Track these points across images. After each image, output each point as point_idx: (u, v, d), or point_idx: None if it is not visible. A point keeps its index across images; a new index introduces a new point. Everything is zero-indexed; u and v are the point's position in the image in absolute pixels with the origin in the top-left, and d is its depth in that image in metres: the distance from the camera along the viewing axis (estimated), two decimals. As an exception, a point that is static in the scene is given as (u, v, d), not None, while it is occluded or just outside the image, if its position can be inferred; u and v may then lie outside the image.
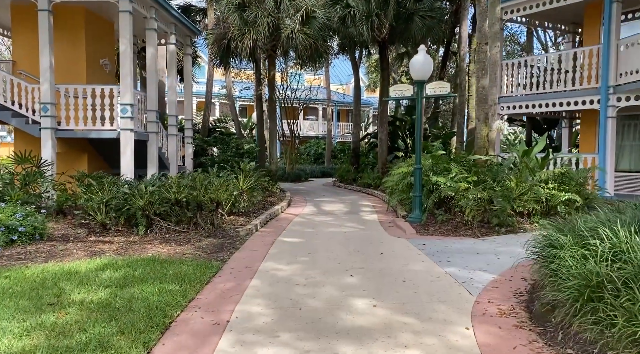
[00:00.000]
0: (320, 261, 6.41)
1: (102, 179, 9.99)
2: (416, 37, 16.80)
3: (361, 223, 9.98)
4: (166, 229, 8.78)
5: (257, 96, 19.03)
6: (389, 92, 9.52)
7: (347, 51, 22.47)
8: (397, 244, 7.54)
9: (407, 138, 20.49)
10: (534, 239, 4.93)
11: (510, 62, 14.55)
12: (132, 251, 7.40)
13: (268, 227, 9.57)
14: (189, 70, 16.08)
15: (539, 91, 13.67)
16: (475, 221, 8.39)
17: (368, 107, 39.93)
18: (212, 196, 8.60)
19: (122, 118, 11.52)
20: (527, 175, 9.08)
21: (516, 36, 30.31)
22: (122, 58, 11.47)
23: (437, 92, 9.32)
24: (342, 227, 9.46)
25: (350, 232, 8.76)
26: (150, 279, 5.48)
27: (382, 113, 18.35)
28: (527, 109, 13.96)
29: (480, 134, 10.80)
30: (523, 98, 14.12)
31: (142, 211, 8.81)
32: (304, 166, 27.89)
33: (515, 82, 14.45)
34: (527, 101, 13.93)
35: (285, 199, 14.00)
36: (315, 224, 9.95)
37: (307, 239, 8.08)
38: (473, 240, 7.67)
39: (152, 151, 12.98)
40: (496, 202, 8.29)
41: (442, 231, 8.42)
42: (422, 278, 5.46)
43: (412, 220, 9.35)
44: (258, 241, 7.95)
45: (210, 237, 8.27)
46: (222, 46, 15.55)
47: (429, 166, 10.81)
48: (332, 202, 14.29)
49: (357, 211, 12.33)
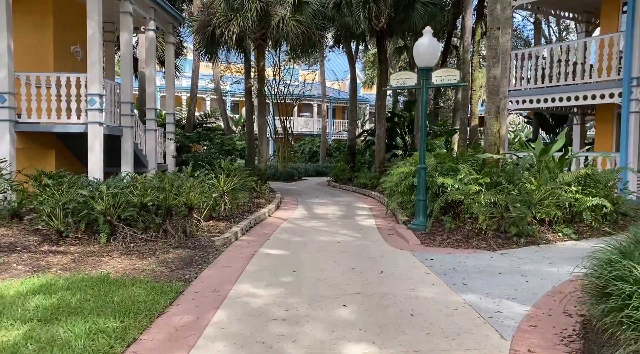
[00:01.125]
0: (307, 283, 5.21)
1: (62, 179, 8.77)
2: (417, 27, 15.57)
3: (357, 230, 8.80)
4: (131, 238, 7.57)
5: (246, 89, 17.80)
6: (390, 81, 8.32)
7: (342, 43, 21.26)
8: (400, 258, 6.35)
9: (406, 135, 19.31)
10: (573, 256, 3.73)
11: (519, 52, 13.39)
12: (84, 266, 6.19)
13: (250, 234, 8.37)
14: (171, 60, 14.83)
15: (552, 83, 12.52)
16: (490, 231, 7.21)
17: (365, 104, 38.74)
18: (182, 199, 7.38)
19: (89, 110, 10.28)
20: (547, 177, 7.90)
21: (519, 30, 29.17)
22: (89, 43, 10.21)
23: (444, 81, 8.13)
24: (335, 235, 8.27)
25: (344, 242, 7.56)
26: (87, 309, 4.26)
27: (379, 108, 17.16)
28: (537, 104, 12.82)
29: (490, 130, 9.61)
30: (532, 92, 12.98)
31: (104, 217, 7.60)
32: (298, 165, 26.68)
33: (525, 75, 13.30)
34: (537, 95, 12.79)
35: (274, 201, 12.80)
36: (304, 231, 8.76)
37: (294, 252, 6.87)
38: (490, 254, 6.48)
39: (126, 147, 11.74)
40: (514, 208, 7.12)
41: (451, 242, 7.24)
42: (435, 310, 4.27)
43: (416, 227, 8.17)
44: (235, 254, 6.74)
45: (179, 248, 7.05)
46: (206, 34, 14.30)
47: (433, 166, 9.65)
48: (325, 205, 13.09)
49: (352, 214, 11.13)
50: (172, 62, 14.89)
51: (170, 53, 14.83)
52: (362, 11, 14.65)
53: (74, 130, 10.54)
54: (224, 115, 20.29)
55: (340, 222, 9.90)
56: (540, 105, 12.73)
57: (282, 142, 24.92)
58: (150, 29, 13.17)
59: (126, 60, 11.71)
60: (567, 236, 7.37)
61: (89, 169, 10.27)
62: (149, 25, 13.14)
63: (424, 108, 8.28)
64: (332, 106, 38.14)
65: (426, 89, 8.21)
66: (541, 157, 8.45)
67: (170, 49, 14.82)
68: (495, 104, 9.71)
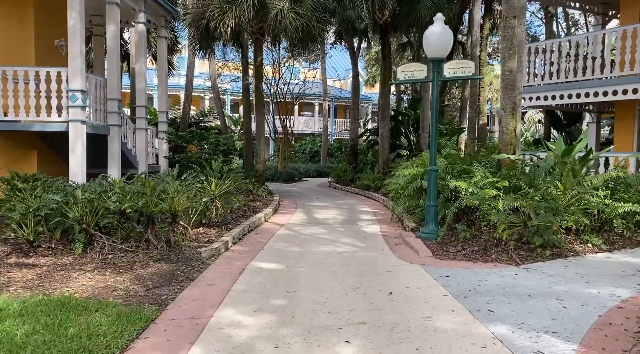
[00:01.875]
0: (303, 307, 4.41)
1: (36, 183, 8.00)
2: (423, 20, 14.77)
3: (361, 238, 7.99)
4: (110, 248, 6.79)
5: (243, 86, 17.04)
6: (397, 74, 7.51)
7: (344, 39, 20.47)
8: (411, 274, 5.55)
9: (410, 135, 18.50)
10: None
11: (532, 46, 12.57)
12: (49, 283, 5.42)
13: (243, 243, 7.57)
14: (163, 55, 14.04)
15: (568, 79, 11.70)
16: (511, 241, 6.40)
17: (367, 103, 37.92)
18: (165, 205, 6.58)
19: (71, 107, 9.50)
20: (573, 180, 7.09)
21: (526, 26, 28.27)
22: (70, 34, 9.43)
23: (457, 74, 7.33)
24: (336, 244, 7.47)
25: (346, 254, 6.76)
26: (30, 347, 3.48)
27: (383, 106, 16.34)
28: (553, 101, 11.99)
29: (506, 128, 8.80)
30: (546, 88, 12.16)
31: (79, 225, 6.83)
32: (298, 165, 25.87)
33: (539, 71, 12.49)
34: (551, 91, 11.97)
35: (271, 204, 12.00)
36: (303, 239, 7.96)
37: (290, 265, 6.07)
38: (513, 270, 5.67)
39: (113, 148, 10.96)
40: (538, 216, 6.31)
41: (467, 254, 6.43)
42: (459, 348, 3.46)
43: (426, 236, 7.36)
44: (223, 268, 5.94)
45: (160, 261, 6.26)
46: (200, 27, 13.51)
47: (443, 168, 8.87)
48: (326, 208, 12.29)
49: (355, 219, 10.33)
50: (164, 58, 14.11)
51: (163, 48, 14.04)
52: (365, 3, 13.87)
53: (54, 129, 9.76)
54: (221, 113, 19.50)
55: (342, 228, 9.11)
56: (556, 101, 11.90)
57: (282, 142, 24.12)
58: (140, 22, 12.37)
59: (113, 54, 10.92)
60: (596, 247, 6.56)
61: (70, 171, 9.49)
62: (139, 17, 12.34)
63: (435, 104, 7.48)
64: (333, 105, 37.33)
65: (437, 82, 7.41)
66: (564, 159, 7.64)
67: (162, 43, 14.03)
68: (511, 100, 8.91)
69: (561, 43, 11.98)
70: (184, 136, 12.94)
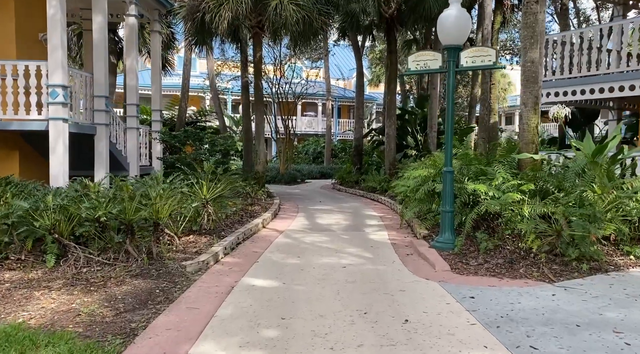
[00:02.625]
0: (300, 342, 3.60)
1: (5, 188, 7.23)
2: (431, 12, 13.96)
3: (367, 247, 7.17)
4: (86, 260, 6.01)
5: (242, 84, 16.27)
6: (409, 64, 6.69)
7: (348, 36, 19.68)
8: (428, 294, 4.73)
9: (417, 134, 17.66)
10: None
11: (550, 38, 11.74)
12: (5, 305, 4.65)
13: (236, 254, 6.76)
14: (157, 51, 13.28)
15: (590, 73, 10.85)
16: (542, 253, 5.57)
17: (371, 103, 37.07)
18: (144, 213, 5.78)
19: (51, 104, 8.74)
20: (608, 183, 6.25)
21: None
22: (50, 25, 8.68)
23: (476, 63, 6.49)
24: (340, 255, 6.65)
25: (352, 267, 5.94)
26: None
27: (389, 104, 15.53)
28: (573, 96, 11.15)
29: (527, 125, 7.97)
30: (564, 83, 11.32)
31: (50, 234, 6.05)
32: (301, 166, 25.06)
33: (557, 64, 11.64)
34: (570, 86, 11.13)
35: (271, 208, 11.21)
36: (303, 249, 7.14)
37: (287, 282, 5.26)
38: (549, 288, 4.83)
39: (100, 148, 10.19)
40: (571, 224, 5.47)
41: (490, 268, 5.59)
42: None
43: (441, 246, 6.53)
44: (209, 286, 5.13)
45: (139, 277, 5.46)
46: (196, 20, 12.73)
47: (457, 169, 8.06)
48: (329, 212, 11.48)
49: (361, 225, 9.51)
50: (158, 54, 13.34)
51: (157, 43, 13.27)
52: (371, -6, 13.07)
53: (33, 127, 9.00)
54: (220, 113, 18.72)
55: (346, 235, 8.29)
56: (576, 97, 11.05)
57: (284, 142, 23.33)
58: (131, 15, 11.61)
59: (100, 47, 10.16)
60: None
61: (51, 173, 8.74)
62: (130, 10, 11.58)
63: (451, 97, 6.65)
64: (337, 105, 36.51)
65: (454, 72, 6.58)
66: (595, 158, 6.79)
67: (156, 38, 13.26)
68: (533, 94, 8.08)
69: (582, 34, 11.14)
70: (177, 136, 12.16)
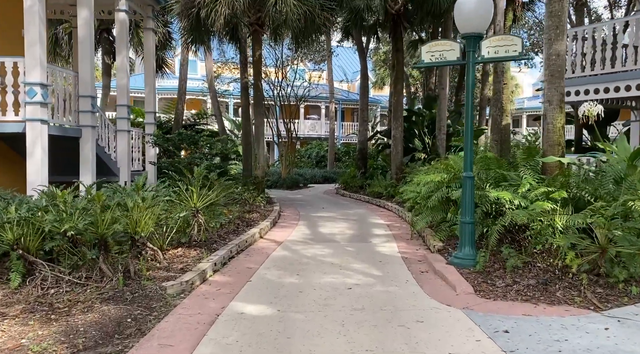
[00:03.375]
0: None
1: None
2: (440, 7, 13.22)
3: (376, 263, 6.37)
4: (54, 280, 5.25)
5: (242, 85, 15.50)
6: (422, 54, 5.91)
7: (352, 36, 18.93)
8: (452, 326, 3.92)
9: (425, 137, 16.84)
10: None
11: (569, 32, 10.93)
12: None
13: (227, 271, 5.98)
14: (150, 49, 12.55)
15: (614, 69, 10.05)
16: (582, 273, 4.75)
17: (375, 106, 36.25)
18: (118, 227, 5.00)
19: (28, 104, 8.00)
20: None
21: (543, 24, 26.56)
22: (27, 18, 7.95)
23: (499, 54, 5.71)
24: (345, 272, 5.85)
25: (359, 288, 5.14)
26: None
27: (396, 105, 14.75)
28: (595, 95, 10.32)
29: (552, 125, 7.17)
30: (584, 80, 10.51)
31: (14, 250, 5.29)
32: (304, 170, 24.28)
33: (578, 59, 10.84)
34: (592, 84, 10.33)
35: (270, 216, 10.43)
36: (303, 264, 6.35)
37: (282, 309, 4.46)
38: (598, 319, 4.01)
39: (86, 152, 9.44)
40: (617, 239, 4.66)
41: (521, 290, 4.78)
42: None
43: (460, 262, 5.73)
44: (190, 314, 4.34)
45: (110, 301, 4.68)
46: (191, 17, 12.00)
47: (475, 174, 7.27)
48: (333, 220, 10.68)
49: (367, 235, 8.72)
50: (152, 52, 12.61)
51: (150, 41, 12.54)
52: (376, -12, 12.34)
53: (9, 130, 8.26)
54: (219, 115, 17.98)
55: (352, 248, 7.49)
56: (599, 96, 10.23)
57: (286, 146, 22.56)
58: (122, 10, 10.89)
59: (85, 44, 9.42)
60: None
61: (28, 179, 7.99)
62: (120, 5, 10.87)
63: (471, 93, 5.86)
64: (340, 108, 35.76)
65: (474, 64, 5.79)
66: (634, 162, 5.98)
67: (149, 35, 12.54)
68: (559, 91, 7.30)
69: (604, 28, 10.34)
70: (171, 139, 11.42)
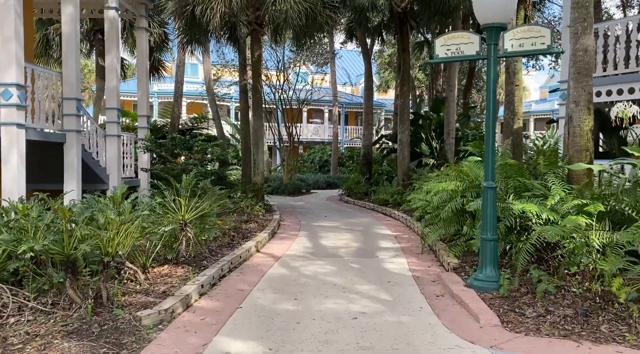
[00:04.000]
0: None
1: None
2: (449, 6, 12.55)
3: (384, 284, 5.65)
4: (17, 307, 4.57)
5: (241, 88, 14.86)
6: (436, 48, 5.21)
7: (356, 36, 18.28)
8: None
9: (432, 141, 16.13)
10: None
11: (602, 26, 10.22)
12: None
13: (215, 294, 5.28)
14: (142, 49, 11.91)
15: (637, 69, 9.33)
16: (630, 303, 4.03)
17: (379, 109, 35.56)
18: (84, 247, 4.30)
19: (3, 106, 7.35)
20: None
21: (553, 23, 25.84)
22: (2, 11, 7.30)
23: (525, 47, 5.01)
24: (349, 296, 5.14)
25: (365, 318, 4.42)
26: None
27: (402, 108, 14.05)
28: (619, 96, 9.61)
29: (579, 128, 6.47)
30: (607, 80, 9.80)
31: (-30, 272, 4.62)
32: (307, 175, 23.57)
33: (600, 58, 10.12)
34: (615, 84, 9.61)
35: (269, 226, 9.74)
36: (302, 285, 5.64)
37: (275, 348, 3.75)
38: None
39: (70, 158, 8.78)
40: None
41: (556, 322, 4.05)
42: None
43: (482, 285, 5.00)
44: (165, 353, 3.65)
45: (73, 336, 3.99)
46: (186, 15, 11.36)
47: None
48: (336, 230, 9.97)
49: (373, 248, 8.00)
50: (144, 52, 11.96)
51: (143, 41, 11.90)
52: (381, -15, 11.67)
53: (-18, 135, 7.61)
54: (218, 119, 17.31)
55: (356, 264, 6.77)
56: (622, 97, 9.51)
57: (288, 151, 21.88)
58: (111, 7, 10.27)
59: (71, 41, 8.79)
60: None
61: (3, 188, 7.33)
62: (109, 2, 10.26)
63: (493, 91, 5.15)
64: (344, 112, 35.09)
65: (495, 59, 5.09)
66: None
67: (142, 35, 11.90)
68: (587, 90, 6.61)
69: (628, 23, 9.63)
70: (164, 144, 10.74)
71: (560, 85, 10.34)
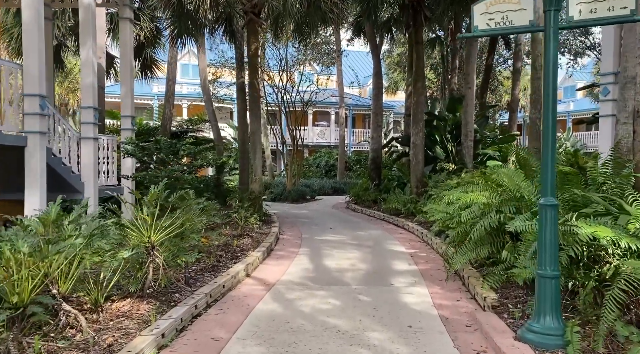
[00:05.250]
0: None
1: None
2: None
3: (403, 329, 4.32)
4: None
5: (238, 86, 13.60)
6: (474, 18, 3.88)
7: (364, 32, 17.02)
8: None
9: (448, 144, 14.76)
10: None
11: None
12: None
13: (178, 348, 3.96)
14: (126, 41, 10.66)
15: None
16: None
17: (388, 111, 34.20)
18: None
19: (-58, 103, 6.12)
20: None
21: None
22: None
23: (597, 14, 3.66)
24: (357, 350, 3.81)
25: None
26: None
27: (416, 107, 12.71)
28: None
29: (649, 126, 5.12)
30: None
31: None
32: (312, 181, 22.25)
33: None
34: None
35: (265, 241, 8.45)
36: (295, 332, 4.31)
37: None
38: None
39: (33, 164, 7.53)
40: None
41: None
42: None
43: (541, 341, 3.64)
44: None
45: None
46: (173, 3, 10.13)
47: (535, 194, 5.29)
48: (342, 246, 8.65)
49: (386, 272, 6.66)
50: (128, 46, 10.73)
51: (127, 33, 10.66)
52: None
53: None
54: (214, 120, 16.06)
55: (367, 296, 5.44)
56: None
57: (292, 155, 20.59)
58: (86, -7, 9.06)
59: (32, 30, 7.55)
60: None
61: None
62: (84, -14, 9.05)
63: (552, 74, 3.82)
64: (351, 114, 33.79)
65: (556, 32, 3.76)
66: None
67: (125, 26, 10.66)
68: (657, 78, 5.24)
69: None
70: (147, 147, 9.48)
71: (601, 79, 8.96)
